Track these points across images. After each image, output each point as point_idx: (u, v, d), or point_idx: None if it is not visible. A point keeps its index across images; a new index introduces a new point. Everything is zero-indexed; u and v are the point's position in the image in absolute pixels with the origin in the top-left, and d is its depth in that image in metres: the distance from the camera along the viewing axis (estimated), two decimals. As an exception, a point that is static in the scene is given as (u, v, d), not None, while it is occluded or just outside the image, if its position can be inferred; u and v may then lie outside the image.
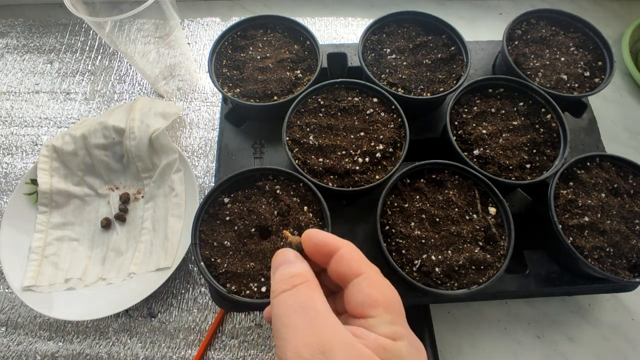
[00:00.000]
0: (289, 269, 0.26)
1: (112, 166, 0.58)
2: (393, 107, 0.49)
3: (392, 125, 0.48)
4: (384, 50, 0.55)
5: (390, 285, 0.26)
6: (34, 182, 0.55)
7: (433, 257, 0.42)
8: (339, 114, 0.49)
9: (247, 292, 0.40)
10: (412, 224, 0.44)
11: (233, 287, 0.40)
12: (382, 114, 0.49)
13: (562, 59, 0.55)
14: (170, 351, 0.50)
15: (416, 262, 0.42)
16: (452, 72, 0.53)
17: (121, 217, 0.56)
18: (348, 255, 0.26)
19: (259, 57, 0.54)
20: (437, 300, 0.48)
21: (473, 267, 0.42)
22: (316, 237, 0.27)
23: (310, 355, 0.21)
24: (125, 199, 0.57)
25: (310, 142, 0.47)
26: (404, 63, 0.54)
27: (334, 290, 0.30)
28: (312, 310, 0.23)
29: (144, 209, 0.57)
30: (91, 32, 0.73)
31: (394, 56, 0.54)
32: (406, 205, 0.45)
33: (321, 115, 0.49)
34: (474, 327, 0.52)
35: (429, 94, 0.51)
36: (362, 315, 0.25)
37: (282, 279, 0.25)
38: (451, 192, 0.45)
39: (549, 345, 0.51)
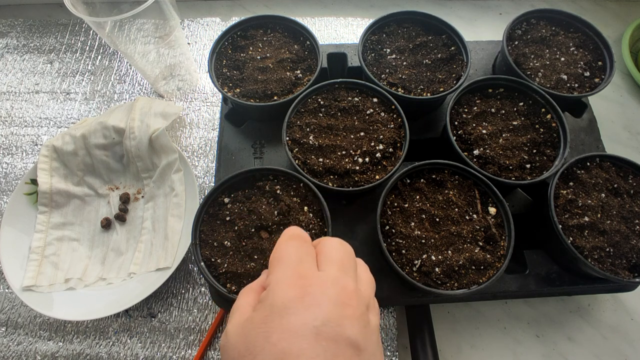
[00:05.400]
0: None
1: (112, 166, 0.58)
2: (393, 107, 0.49)
3: (392, 125, 0.48)
4: (384, 50, 0.55)
5: (286, 244, 0.29)
6: (34, 182, 0.55)
7: (433, 257, 0.42)
8: (339, 114, 0.49)
9: (247, 292, 0.40)
10: (412, 224, 0.44)
11: (233, 287, 0.40)
12: (382, 114, 0.49)
13: (562, 59, 0.55)
14: (170, 351, 0.50)
15: (416, 262, 0.42)
16: (452, 72, 0.53)
17: (121, 217, 0.56)
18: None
19: (259, 57, 0.54)
20: (437, 300, 0.48)
21: (473, 267, 0.42)
22: None
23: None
24: (125, 199, 0.57)
25: (310, 142, 0.47)
26: (404, 63, 0.54)
27: None
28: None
29: (144, 209, 0.57)
30: (91, 32, 0.73)
31: (394, 56, 0.54)
32: (406, 205, 0.45)
33: (321, 115, 0.49)
34: (474, 327, 0.52)
35: (429, 94, 0.51)
36: None
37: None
38: (451, 192, 0.45)
39: (549, 345, 0.51)
